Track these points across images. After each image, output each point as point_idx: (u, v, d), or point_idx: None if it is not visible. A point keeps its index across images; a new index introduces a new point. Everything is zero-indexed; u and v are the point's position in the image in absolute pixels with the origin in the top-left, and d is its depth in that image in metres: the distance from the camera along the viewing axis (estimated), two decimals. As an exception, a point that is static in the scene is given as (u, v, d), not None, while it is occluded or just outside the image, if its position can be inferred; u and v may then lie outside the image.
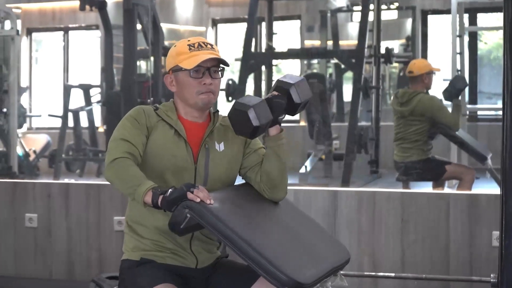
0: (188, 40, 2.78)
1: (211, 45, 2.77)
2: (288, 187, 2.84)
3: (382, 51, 8.18)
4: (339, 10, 10.32)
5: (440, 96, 6.32)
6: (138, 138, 2.68)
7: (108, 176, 2.62)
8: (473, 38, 10.04)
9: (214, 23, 10.81)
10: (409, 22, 10.28)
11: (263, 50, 9.06)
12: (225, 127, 2.81)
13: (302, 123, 9.95)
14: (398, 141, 6.09)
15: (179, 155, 2.71)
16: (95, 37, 10.87)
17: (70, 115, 8.89)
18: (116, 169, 2.60)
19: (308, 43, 10.58)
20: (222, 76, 2.78)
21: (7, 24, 7.49)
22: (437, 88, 6.66)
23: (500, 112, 2.69)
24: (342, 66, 9.45)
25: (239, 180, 2.89)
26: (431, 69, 6.13)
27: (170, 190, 2.51)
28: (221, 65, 2.76)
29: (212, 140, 2.78)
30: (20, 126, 9.06)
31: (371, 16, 7.98)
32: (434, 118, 5.97)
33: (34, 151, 9.13)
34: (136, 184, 2.55)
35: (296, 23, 10.79)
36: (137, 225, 2.75)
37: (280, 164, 2.76)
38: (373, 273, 4.75)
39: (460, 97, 6.28)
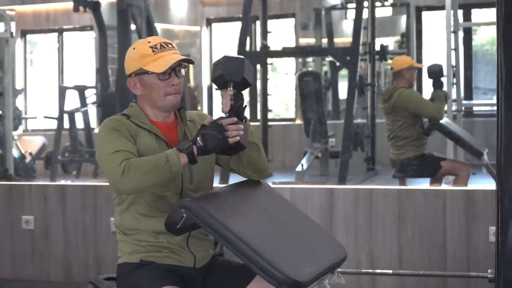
0: (148, 42, 2.73)
1: (172, 44, 2.75)
2: (285, 186, 2.86)
3: (377, 48, 8.18)
4: (334, 7, 10.33)
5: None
6: (131, 146, 2.65)
7: (131, 187, 2.55)
8: (468, 34, 10.05)
9: (209, 22, 10.80)
10: (403, 19, 10.29)
11: (258, 49, 9.06)
12: (193, 123, 2.82)
13: (298, 121, 9.96)
14: (391, 140, 6.13)
15: None
16: (90, 38, 10.86)
17: (65, 116, 8.89)
18: (133, 175, 2.54)
19: (303, 41, 10.58)
20: (185, 74, 2.77)
21: (1, 26, 7.47)
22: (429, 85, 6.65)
23: (496, 108, 2.69)
24: (337, 63, 9.46)
25: (234, 179, 2.89)
26: (411, 64, 6.17)
27: (198, 138, 2.56)
28: (184, 63, 2.73)
29: (186, 138, 2.78)
30: (16, 128, 9.04)
31: (365, 14, 7.98)
32: (415, 111, 6.01)
33: (30, 153, 9.12)
34: (164, 161, 2.54)
35: (291, 22, 10.79)
36: (133, 231, 2.74)
37: (257, 149, 2.78)
38: (371, 270, 4.75)
39: (443, 88, 6.32)
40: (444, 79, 6.50)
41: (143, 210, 2.71)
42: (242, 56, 2.68)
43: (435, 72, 6.33)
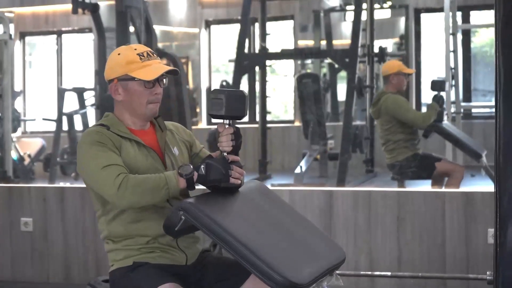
0: (135, 49, 2.75)
1: (155, 53, 2.78)
2: (284, 188, 2.86)
3: (376, 50, 8.18)
4: (332, 9, 10.33)
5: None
6: (119, 159, 2.66)
7: (126, 202, 2.59)
8: (466, 35, 10.05)
9: (208, 24, 10.80)
10: (402, 21, 10.29)
11: (257, 51, 9.06)
12: (171, 132, 2.85)
13: (297, 123, 9.95)
14: (384, 145, 6.13)
15: (151, 166, 2.72)
16: (89, 40, 10.85)
17: (64, 118, 8.88)
18: (130, 192, 2.57)
19: (302, 43, 10.57)
20: (165, 84, 2.77)
21: (0, 28, 7.48)
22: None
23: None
24: (336, 65, 9.45)
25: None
26: (399, 69, 6.10)
27: (202, 166, 2.57)
28: (164, 73, 2.75)
29: (167, 145, 2.80)
30: (15, 130, 9.04)
31: (364, 15, 7.98)
32: (398, 117, 5.98)
33: (29, 155, 9.11)
34: (162, 184, 2.57)
35: (290, 23, 10.79)
36: (123, 238, 2.75)
37: None
38: (370, 272, 4.75)
39: (439, 101, 6.27)
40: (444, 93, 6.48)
41: (131, 217, 2.72)
42: (242, 91, 2.68)
43: (437, 86, 6.31)
